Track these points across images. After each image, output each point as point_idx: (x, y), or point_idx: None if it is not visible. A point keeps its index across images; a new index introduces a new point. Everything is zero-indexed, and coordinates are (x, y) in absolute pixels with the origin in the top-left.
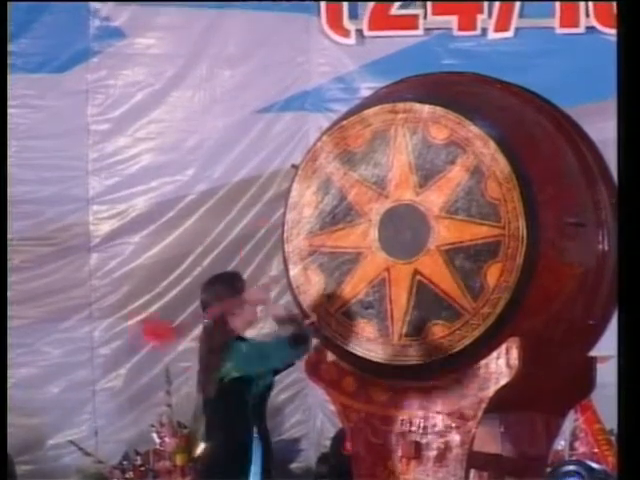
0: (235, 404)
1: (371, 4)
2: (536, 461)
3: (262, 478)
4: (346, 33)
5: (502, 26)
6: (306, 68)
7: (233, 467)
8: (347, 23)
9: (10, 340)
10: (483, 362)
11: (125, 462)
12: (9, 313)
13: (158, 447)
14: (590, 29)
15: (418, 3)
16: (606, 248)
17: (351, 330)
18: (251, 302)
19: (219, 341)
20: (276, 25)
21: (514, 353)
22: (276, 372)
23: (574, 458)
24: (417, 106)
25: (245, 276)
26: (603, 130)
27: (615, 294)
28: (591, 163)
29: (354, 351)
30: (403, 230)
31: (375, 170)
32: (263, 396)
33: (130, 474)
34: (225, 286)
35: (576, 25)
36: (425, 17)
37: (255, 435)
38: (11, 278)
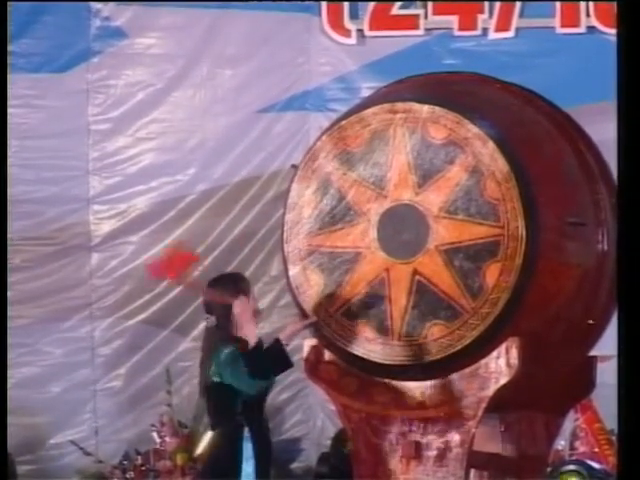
0: (221, 405)
1: (372, 4)
2: (536, 461)
3: (256, 478)
4: (347, 33)
5: (503, 26)
6: (307, 68)
7: (225, 466)
8: (348, 23)
9: (11, 340)
10: (483, 362)
11: (125, 462)
12: (10, 313)
13: (159, 447)
14: (591, 29)
15: (419, 3)
16: (606, 248)
17: (351, 330)
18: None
19: (215, 341)
20: (277, 25)
21: (514, 353)
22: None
23: (574, 458)
24: (416, 106)
25: (246, 276)
26: (603, 130)
27: (615, 294)
28: (591, 163)
29: (354, 351)
30: (402, 230)
31: (374, 170)
32: (259, 397)
33: (130, 474)
34: (229, 287)
35: (577, 25)
36: (426, 17)
37: (246, 435)
38: (12, 278)
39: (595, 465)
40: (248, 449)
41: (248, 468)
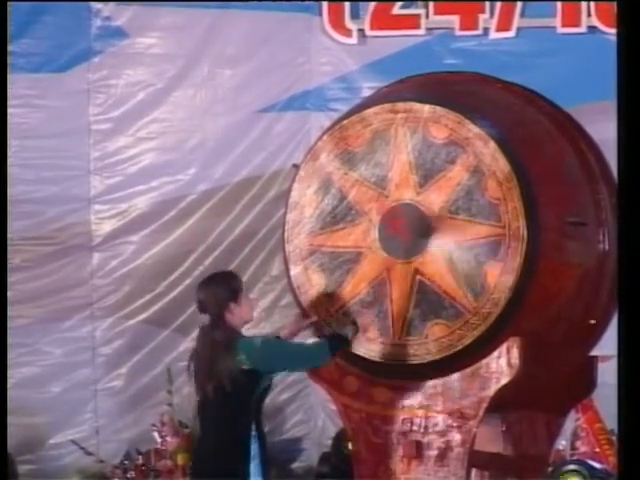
0: (240, 398)
1: (373, 4)
2: (537, 460)
3: (263, 476)
4: (348, 33)
5: (504, 26)
6: (307, 68)
7: (232, 463)
8: (349, 23)
9: (11, 340)
10: (484, 361)
11: (126, 461)
12: (10, 313)
13: (159, 446)
14: (591, 29)
15: (420, 3)
16: (607, 247)
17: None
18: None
19: (221, 339)
20: (278, 25)
21: (515, 352)
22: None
23: (575, 458)
24: (417, 106)
25: (246, 276)
26: (604, 130)
27: (616, 293)
28: (592, 162)
29: (355, 351)
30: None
31: (375, 170)
32: (262, 396)
33: (131, 473)
34: (222, 286)
35: (577, 25)
36: (427, 17)
37: (253, 433)
38: (12, 278)
39: (596, 465)
40: (255, 449)
41: (253, 468)
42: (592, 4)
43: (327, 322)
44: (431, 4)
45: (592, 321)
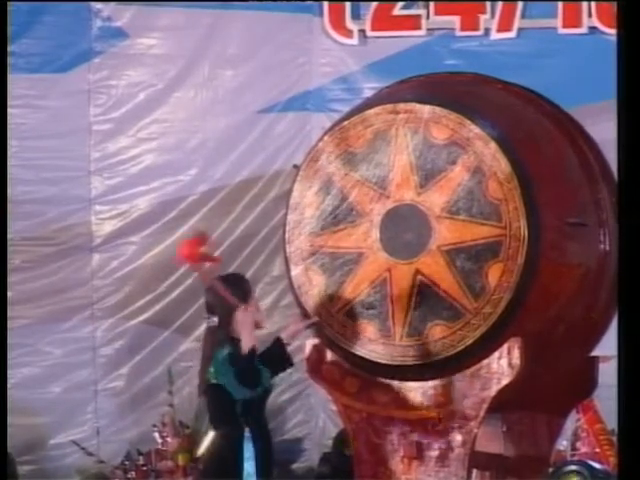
0: (220, 406)
1: (374, 4)
2: (538, 461)
3: (258, 478)
4: (348, 33)
5: (505, 26)
6: (308, 68)
7: (225, 463)
8: (349, 23)
9: (12, 340)
10: (485, 362)
11: (127, 462)
12: (10, 313)
13: (160, 447)
14: (592, 29)
15: (421, 3)
16: (607, 248)
17: (353, 330)
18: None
19: (215, 342)
20: (278, 25)
21: (516, 353)
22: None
23: (576, 458)
24: (418, 106)
25: (247, 276)
26: (605, 130)
27: (616, 294)
28: (592, 163)
29: (356, 352)
30: (404, 230)
31: (376, 170)
32: (260, 398)
33: (132, 474)
34: (231, 288)
35: (578, 25)
36: (428, 17)
37: (247, 435)
38: (13, 278)
39: (596, 465)
40: (249, 449)
41: (249, 468)
42: (593, 4)
43: (328, 323)
44: (432, 5)
45: (593, 315)
